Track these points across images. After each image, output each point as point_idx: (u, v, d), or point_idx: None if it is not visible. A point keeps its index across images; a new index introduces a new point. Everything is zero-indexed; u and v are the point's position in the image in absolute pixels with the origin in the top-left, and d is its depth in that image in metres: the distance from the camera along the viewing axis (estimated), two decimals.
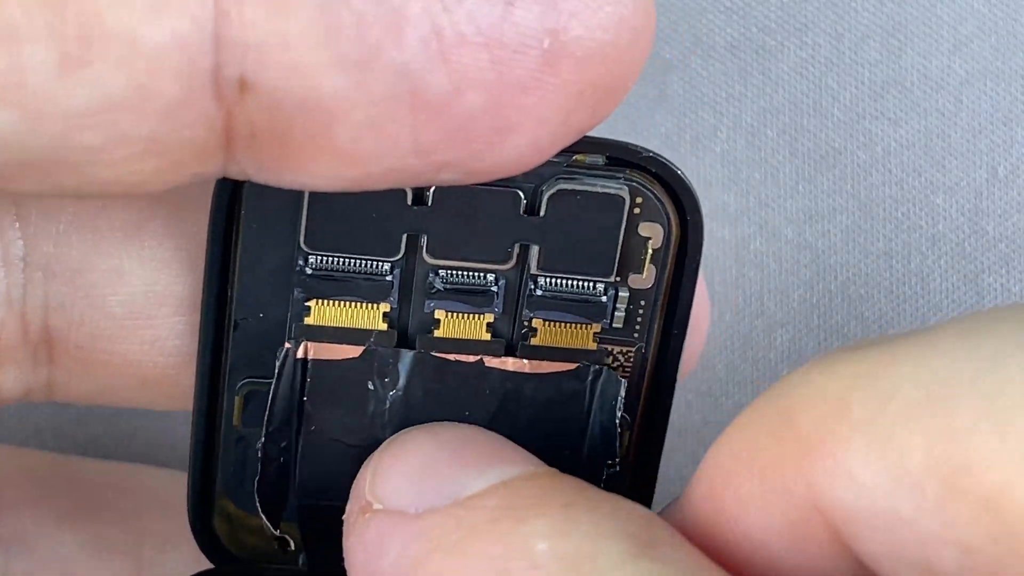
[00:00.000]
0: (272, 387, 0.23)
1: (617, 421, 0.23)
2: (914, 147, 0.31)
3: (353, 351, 0.23)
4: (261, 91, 0.18)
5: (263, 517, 0.24)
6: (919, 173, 0.31)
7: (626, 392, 0.24)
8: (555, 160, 0.22)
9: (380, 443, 0.23)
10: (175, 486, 0.25)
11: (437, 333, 0.23)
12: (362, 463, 0.23)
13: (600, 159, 0.22)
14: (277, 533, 0.24)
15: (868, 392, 0.18)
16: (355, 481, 0.21)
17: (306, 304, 0.23)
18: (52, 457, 0.28)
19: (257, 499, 0.24)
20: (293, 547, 0.25)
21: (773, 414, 0.19)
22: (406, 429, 0.22)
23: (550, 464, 0.23)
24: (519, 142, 0.19)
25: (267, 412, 0.23)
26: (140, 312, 0.24)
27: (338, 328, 0.23)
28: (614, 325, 0.23)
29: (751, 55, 0.31)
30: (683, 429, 0.32)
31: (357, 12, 0.18)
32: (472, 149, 0.19)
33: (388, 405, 0.23)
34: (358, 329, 0.23)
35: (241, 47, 0.18)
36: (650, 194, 0.22)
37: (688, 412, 0.32)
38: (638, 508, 0.20)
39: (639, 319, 0.23)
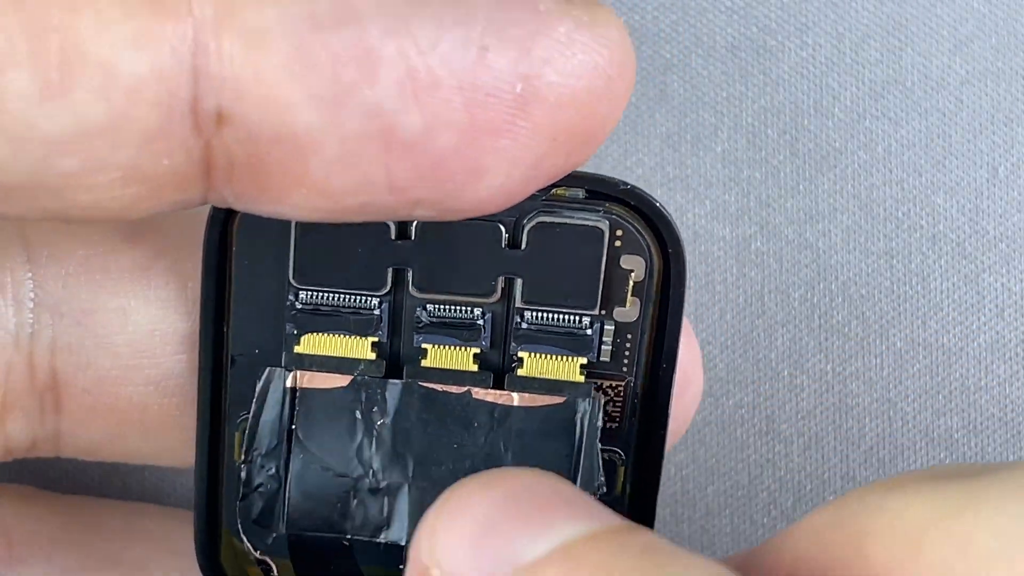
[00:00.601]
0: (252, 411, 0.24)
1: (598, 447, 0.23)
2: (915, 147, 0.31)
3: (342, 380, 0.23)
4: (237, 123, 0.19)
5: (243, 539, 0.24)
6: (920, 173, 0.31)
7: (618, 427, 0.24)
8: (535, 194, 0.22)
9: (368, 473, 0.24)
10: (185, 528, 0.25)
11: (425, 363, 0.23)
12: (351, 493, 0.23)
13: (580, 192, 0.23)
14: (258, 555, 0.24)
15: (944, 536, 0.18)
16: (412, 540, 0.21)
17: (297, 338, 0.23)
18: (64, 501, 0.28)
19: (238, 520, 0.24)
20: (275, 572, 0.25)
21: (845, 537, 0.19)
22: (461, 480, 0.21)
23: None
24: (492, 183, 0.20)
25: (247, 436, 0.24)
26: (145, 352, 0.24)
27: (327, 357, 0.23)
28: (601, 359, 0.23)
29: (752, 55, 0.31)
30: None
31: (332, 51, 0.19)
32: (445, 189, 0.20)
33: (376, 434, 0.24)
34: (347, 358, 0.23)
35: (218, 80, 0.18)
36: (630, 227, 0.23)
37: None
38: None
39: (627, 353, 0.23)
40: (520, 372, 0.23)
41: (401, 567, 0.24)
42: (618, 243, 0.23)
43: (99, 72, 0.18)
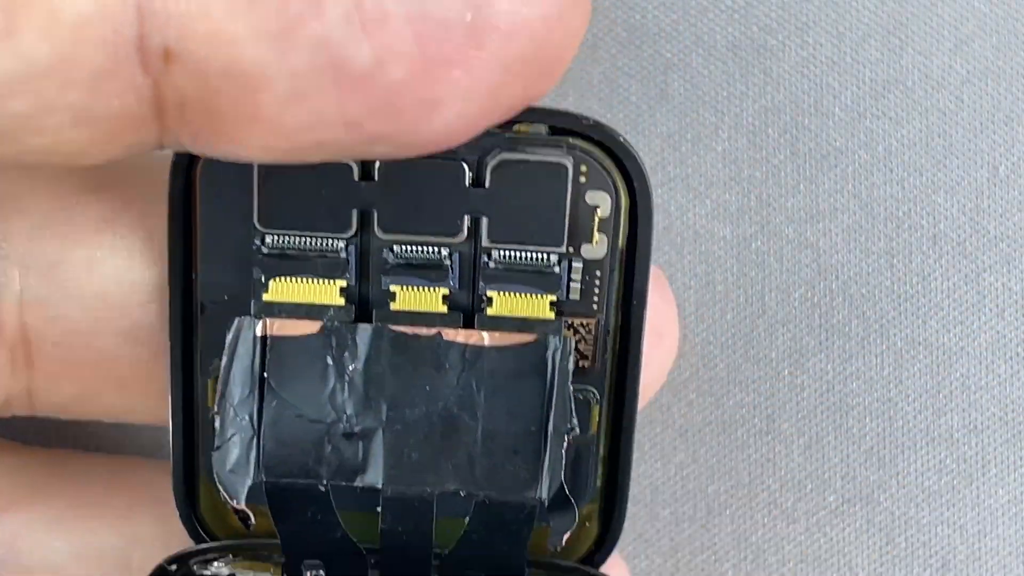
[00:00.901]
0: (224, 361, 0.23)
1: (570, 385, 0.23)
2: (915, 146, 0.31)
3: (312, 327, 0.23)
4: (185, 61, 0.19)
5: (221, 487, 0.24)
6: (920, 172, 0.31)
7: (591, 365, 0.24)
8: (496, 131, 0.22)
9: (342, 418, 0.24)
10: (168, 478, 0.25)
11: (394, 306, 0.23)
12: (325, 439, 0.23)
13: (543, 129, 0.23)
14: (236, 506, 0.24)
15: None
16: None
17: (265, 282, 0.23)
18: (45, 453, 0.28)
19: (214, 471, 0.24)
20: (254, 522, 0.25)
21: None
22: None
23: (513, 435, 0.23)
24: (447, 116, 0.20)
25: (220, 385, 0.24)
26: (114, 303, 0.24)
27: (296, 304, 0.23)
28: (571, 297, 0.23)
29: (752, 54, 0.31)
30: (684, 428, 0.32)
31: None
32: (400, 123, 0.19)
33: (348, 379, 0.23)
34: (316, 305, 0.23)
35: (163, 17, 0.18)
36: (595, 162, 0.23)
37: (689, 411, 0.32)
38: None
39: (596, 290, 0.23)
40: (489, 312, 0.23)
41: (378, 509, 0.24)
42: (583, 179, 0.23)
43: (43, 12, 0.18)
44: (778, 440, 0.32)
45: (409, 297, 0.23)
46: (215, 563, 0.25)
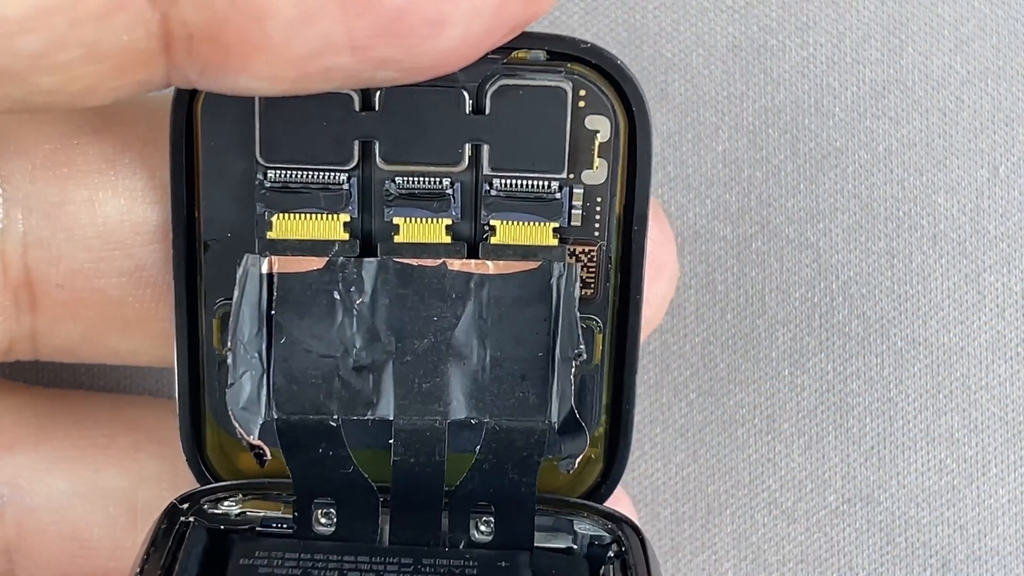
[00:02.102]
0: (234, 296, 0.23)
1: (576, 311, 0.23)
2: (915, 146, 0.31)
3: (317, 262, 0.23)
4: None
5: (236, 424, 0.24)
6: (920, 172, 0.31)
7: (593, 293, 0.24)
8: (494, 57, 0.22)
9: (351, 352, 0.24)
10: (173, 418, 0.25)
11: (398, 239, 0.23)
12: (335, 373, 0.24)
13: (541, 54, 0.23)
14: (252, 440, 0.24)
15: None
16: None
17: (268, 219, 0.23)
18: (50, 393, 0.28)
19: (228, 407, 0.24)
20: (268, 456, 0.24)
21: None
22: None
23: (521, 362, 0.23)
24: (453, 34, 0.20)
25: (232, 323, 0.24)
26: (116, 243, 0.24)
27: (301, 240, 0.23)
28: (572, 223, 0.23)
29: (752, 54, 0.31)
30: (684, 428, 0.32)
31: None
32: (407, 44, 0.20)
33: (356, 313, 0.24)
34: (320, 240, 0.23)
35: None
36: (593, 87, 0.23)
37: (690, 411, 0.32)
38: None
39: (597, 216, 0.23)
40: (493, 240, 0.23)
41: (390, 442, 0.24)
42: (582, 103, 0.23)
43: None
44: (778, 440, 0.32)
45: (412, 229, 0.23)
46: (225, 502, 0.25)
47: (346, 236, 0.23)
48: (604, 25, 0.31)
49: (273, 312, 0.24)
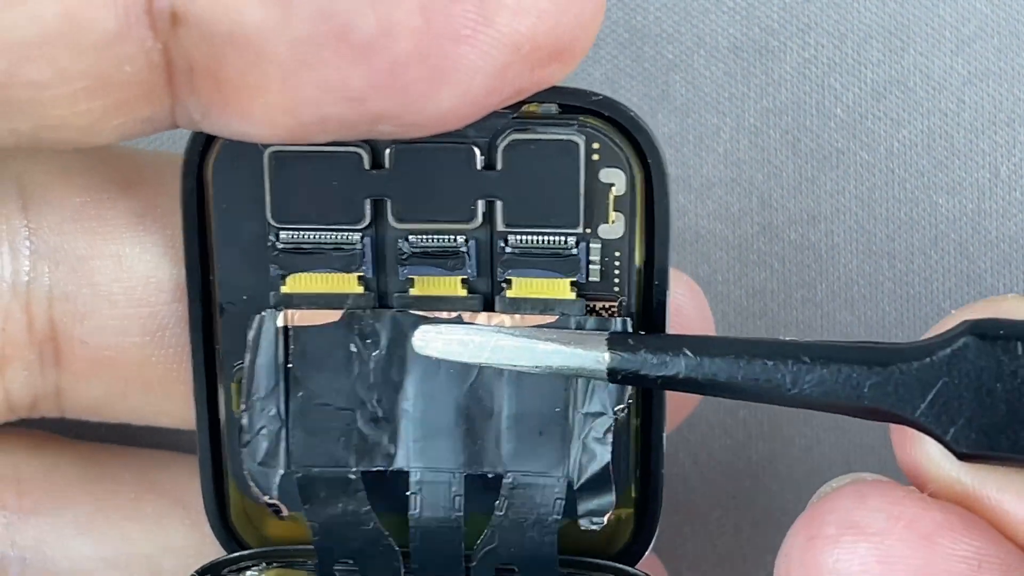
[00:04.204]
0: (247, 358, 0.23)
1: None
2: (916, 147, 0.31)
3: (333, 315, 0.23)
4: (192, 23, 0.19)
5: (252, 483, 0.24)
6: (921, 174, 0.31)
7: None
8: (505, 111, 0.22)
9: (368, 404, 0.23)
10: (198, 480, 0.25)
11: (413, 292, 0.23)
12: (352, 425, 0.23)
13: (553, 107, 0.22)
14: (267, 500, 0.24)
15: None
16: None
17: (282, 280, 0.23)
18: (77, 450, 0.28)
19: (244, 466, 0.24)
20: (285, 513, 0.24)
21: None
22: None
23: (538, 416, 0.23)
24: (453, 93, 0.19)
25: (245, 382, 0.23)
26: (141, 300, 0.24)
27: (316, 294, 0.23)
28: (591, 279, 0.23)
29: (754, 55, 0.31)
30: (685, 428, 0.32)
31: None
32: (405, 99, 0.19)
33: (373, 366, 0.23)
34: (335, 294, 0.23)
35: None
36: (607, 139, 0.22)
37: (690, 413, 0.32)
38: None
39: (616, 271, 0.23)
40: (509, 293, 0.23)
41: (408, 493, 0.24)
42: (596, 156, 0.22)
43: None
44: (779, 441, 0.32)
45: (428, 284, 0.23)
46: (249, 571, 0.25)
47: (361, 289, 0.23)
48: (605, 26, 0.31)
49: (290, 366, 0.23)
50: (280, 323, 0.23)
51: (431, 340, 0.22)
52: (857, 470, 0.22)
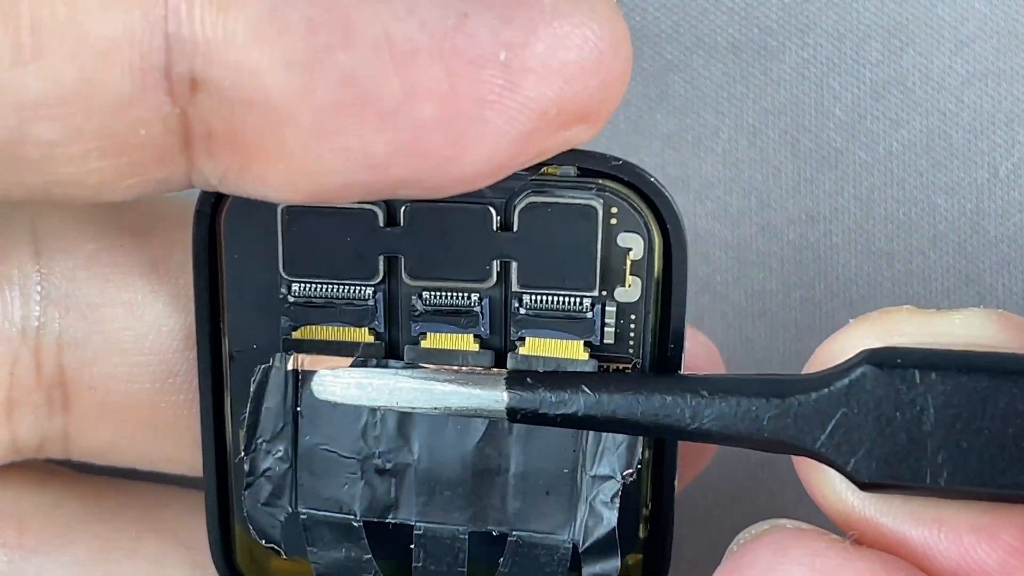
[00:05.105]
0: (249, 407, 0.23)
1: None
2: (915, 147, 0.31)
3: (342, 363, 0.23)
4: (211, 90, 0.19)
5: (250, 528, 0.24)
6: (920, 173, 0.31)
7: None
8: (523, 173, 0.21)
9: (374, 454, 0.24)
10: (201, 520, 0.25)
11: (424, 344, 0.23)
12: (358, 474, 0.24)
13: (572, 170, 0.22)
14: (265, 542, 0.24)
15: None
16: None
17: (293, 332, 0.23)
18: (81, 487, 0.28)
19: (245, 508, 0.24)
20: (284, 555, 0.24)
21: None
22: None
23: (546, 476, 0.23)
24: (476, 158, 0.19)
25: (247, 429, 0.24)
26: (152, 348, 0.24)
27: (326, 342, 0.23)
28: (605, 341, 0.23)
29: (753, 56, 0.31)
30: None
31: (305, 15, 0.18)
32: (428, 164, 0.19)
33: (380, 415, 0.23)
34: (346, 342, 0.23)
35: (190, 44, 0.18)
36: (625, 204, 0.22)
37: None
38: None
39: (632, 334, 0.23)
40: (522, 351, 0.23)
41: (411, 546, 0.24)
42: (613, 221, 0.22)
43: (70, 35, 0.18)
44: None
45: (440, 340, 0.23)
46: None
47: (372, 339, 0.23)
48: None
49: (299, 408, 0.23)
50: (290, 366, 0.23)
51: (329, 384, 0.22)
52: None
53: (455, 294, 0.23)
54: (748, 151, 0.31)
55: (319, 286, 0.23)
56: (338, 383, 0.22)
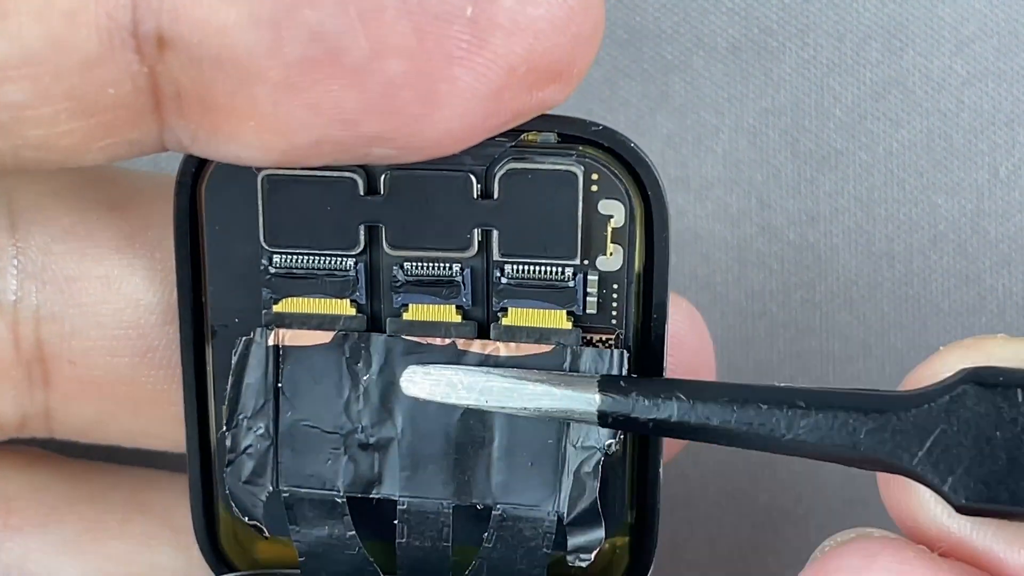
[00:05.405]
0: (231, 380, 0.23)
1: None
2: (915, 148, 0.31)
3: (324, 337, 0.23)
4: (179, 47, 0.19)
5: (232, 505, 0.24)
6: (920, 174, 0.31)
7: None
8: (503, 139, 0.21)
9: (357, 429, 0.23)
10: (187, 502, 0.25)
11: (407, 316, 0.23)
12: (341, 449, 0.23)
13: (552, 136, 0.22)
14: (247, 520, 0.24)
15: None
16: None
17: (274, 304, 0.23)
18: (70, 467, 0.28)
19: (227, 486, 0.24)
20: (267, 534, 0.24)
21: None
22: None
23: (530, 448, 0.23)
24: (448, 116, 0.19)
25: (228, 404, 0.23)
26: (130, 322, 0.24)
27: (308, 314, 0.23)
28: (587, 311, 0.23)
29: (753, 56, 0.31)
30: None
31: None
32: (399, 121, 0.19)
33: (363, 390, 0.23)
34: (328, 315, 0.23)
35: (156, 2, 0.18)
36: (606, 170, 0.22)
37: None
38: None
39: (614, 304, 0.23)
40: (505, 321, 0.23)
41: (394, 522, 0.24)
42: (594, 188, 0.22)
43: None
44: None
45: (422, 312, 0.23)
46: None
47: (353, 311, 0.23)
48: (605, 27, 0.31)
49: (280, 385, 0.23)
50: (271, 342, 0.23)
51: (418, 381, 0.22)
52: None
53: (437, 264, 0.23)
54: (748, 151, 0.31)
55: (300, 257, 0.23)
56: (428, 380, 0.22)
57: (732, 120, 0.31)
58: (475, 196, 0.22)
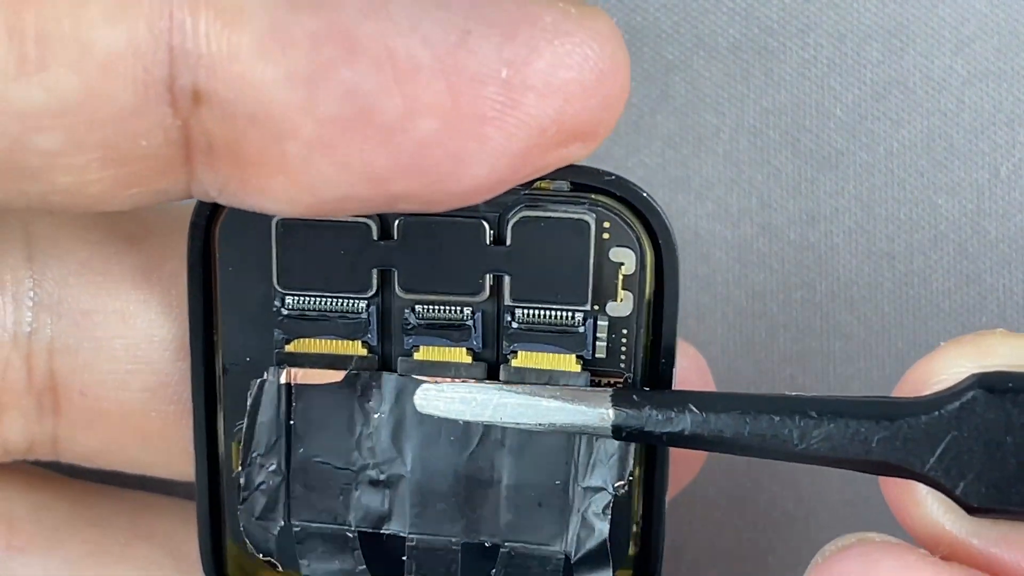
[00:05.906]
0: (246, 421, 0.23)
1: (598, 442, 0.23)
2: (916, 148, 0.31)
3: (335, 376, 0.23)
4: (214, 103, 0.19)
5: (248, 539, 0.24)
6: (921, 174, 0.31)
7: None
8: (517, 188, 0.21)
9: (368, 466, 0.24)
10: (189, 529, 0.25)
11: (417, 356, 0.23)
12: (352, 486, 0.24)
13: (564, 184, 0.22)
14: (261, 556, 0.24)
15: None
16: None
17: (287, 344, 0.23)
18: (73, 489, 0.28)
19: (240, 523, 0.24)
20: (280, 568, 0.24)
21: None
22: None
23: (539, 488, 0.23)
24: (477, 173, 0.19)
25: (243, 444, 0.24)
26: (143, 357, 0.24)
27: (320, 355, 0.23)
28: (597, 355, 0.23)
29: (753, 56, 0.31)
30: None
31: (308, 30, 0.18)
32: (427, 179, 0.19)
33: (374, 428, 0.23)
34: (339, 355, 0.23)
35: (194, 57, 0.18)
36: (618, 219, 0.22)
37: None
38: None
39: (623, 349, 0.23)
40: (514, 363, 0.23)
41: (403, 559, 0.24)
42: (606, 236, 0.22)
43: (74, 47, 0.18)
44: None
45: (432, 352, 0.23)
46: None
47: (364, 352, 0.23)
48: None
49: (292, 422, 0.23)
50: (283, 380, 0.23)
51: (433, 399, 0.22)
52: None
53: (448, 308, 0.23)
54: (749, 151, 0.31)
55: (313, 299, 0.23)
56: (442, 397, 0.22)
57: (733, 120, 0.31)
58: (488, 242, 0.22)
